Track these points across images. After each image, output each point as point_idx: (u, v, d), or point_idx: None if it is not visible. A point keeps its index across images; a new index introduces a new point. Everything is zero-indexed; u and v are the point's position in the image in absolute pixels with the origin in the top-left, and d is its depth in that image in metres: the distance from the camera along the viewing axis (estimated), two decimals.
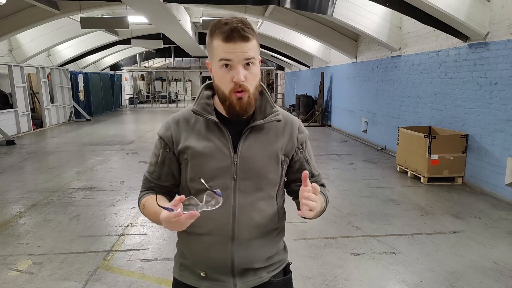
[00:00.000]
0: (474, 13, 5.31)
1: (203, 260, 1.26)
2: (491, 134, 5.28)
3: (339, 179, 6.16)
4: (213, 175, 1.19)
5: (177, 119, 1.27)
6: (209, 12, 11.42)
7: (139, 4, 8.03)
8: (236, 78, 1.12)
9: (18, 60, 12.00)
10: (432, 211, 4.66)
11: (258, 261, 1.28)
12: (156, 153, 1.30)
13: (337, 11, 7.28)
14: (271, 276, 1.32)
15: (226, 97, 1.17)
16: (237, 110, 1.17)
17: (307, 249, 3.62)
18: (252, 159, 1.21)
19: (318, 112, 13.38)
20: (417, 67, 7.29)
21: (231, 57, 1.12)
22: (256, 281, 1.29)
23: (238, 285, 1.26)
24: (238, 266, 1.24)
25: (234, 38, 1.11)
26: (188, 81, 33.44)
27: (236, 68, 1.13)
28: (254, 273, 1.28)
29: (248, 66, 1.14)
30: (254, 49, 1.15)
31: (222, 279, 1.25)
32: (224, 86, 1.16)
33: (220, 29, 1.13)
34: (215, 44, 1.14)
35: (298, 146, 1.31)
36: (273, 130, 1.26)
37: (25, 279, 3.08)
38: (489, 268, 3.25)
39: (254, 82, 1.17)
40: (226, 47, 1.12)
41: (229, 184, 1.21)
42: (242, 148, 1.21)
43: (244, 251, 1.24)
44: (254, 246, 1.25)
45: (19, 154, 8.39)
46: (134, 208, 4.80)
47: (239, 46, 1.11)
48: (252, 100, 1.18)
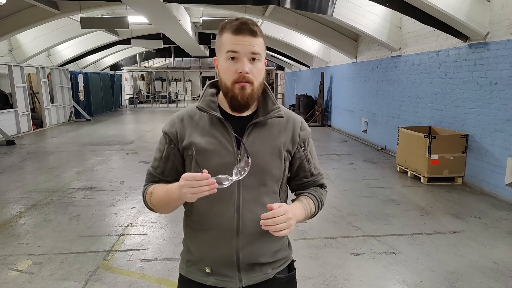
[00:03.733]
0: (474, 13, 5.31)
1: (209, 255, 1.27)
2: (491, 134, 5.28)
3: (339, 179, 6.16)
4: (217, 170, 1.20)
5: (182, 116, 1.30)
6: (209, 12, 11.42)
7: (139, 4, 8.03)
8: (241, 69, 1.16)
9: (18, 60, 12.00)
10: (432, 211, 4.66)
11: (263, 255, 1.29)
12: (161, 148, 1.32)
13: (337, 11, 7.28)
14: (276, 273, 1.34)
15: (228, 88, 1.20)
16: (239, 100, 1.19)
17: (307, 249, 3.62)
18: (255, 154, 1.23)
19: (318, 112, 13.38)
20: (417, 67, 7.29)
21: (238, 48, 1.15)
22: (261, 277, 1.30)
23: (243, 281, 1.27)
24: (243, 261, 1.26)
25: (243, 31, 1.15)
26: (188, 81, 33.43)
27: (242, 60, 1.16)
28: (260, 268, 1.30)
29: (254, 61, 1.18)
30: (261, 46, 1.19)
31: (228, 274, 1.27)
32: (228, 76, 1.19)
33: (230, 24, 1.18)
34: (224, 37, 1.18)
35: (300, 144, 1.33)
36: (276, 127, 1.29)
37: (25, 279, 3.08)
38: (489, 268, 3.25)
39: (259, 77, 1.21)
40: (234, 39, 1.16)
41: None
42: (245, 143, 1.23)
43: (249, 246, 1.25)
44: (259, 240, 1.27)
45: (19, 154, 8.39)
46: (134, 208, 4.80)
47: (247, 39, 1.16)
48: (255, 93, 1.21)
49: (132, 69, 25.65)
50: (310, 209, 1.31)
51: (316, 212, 1.36)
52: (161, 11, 8.51)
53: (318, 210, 1.37)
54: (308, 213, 1.31)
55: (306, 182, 1.38)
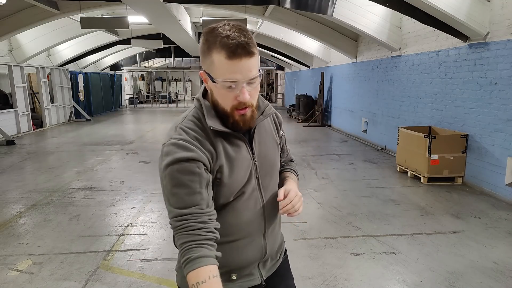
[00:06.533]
0: (474, 13, 5.31)
1: (237, 264, 1.26)
2: (491, 134, 5.28)
3: (339, 179, 6.16)
4: (243, 182, 1.20)
5: (193, 136, 1.11)
6: (209, 12, 11.41)
7: (139, 4, 8.03)
8: (242, 98, 1.07)
9: (18, 60, 12.00)
10: (432, 211, 4.66)
11: (278, 245, 1.39)
12: (194, 179, 1.07)
13: (337, 11, 7.28)
14: (283, 258, 1.44)
15: (227, 114, 1.12)
16: (241, 126, 1.14)
17: (307, 249, 3.62)
18: (265, 154, 1.27)
19: (318, 112, 13.38)
20: (417, 67, 7.29)
21: (237, 78, 1.04)
22: (275, 265, 1.39)
23: (263, 274, 1.33)
24: (266, 257, 1.31)
25: (240, 55, 1.02)
26: (188, 81, 33.44)
27: (241, 88, 1.06)
28: (275, 257, 1.38)
29: (253, 82, 1.09)
30: (257, 63, 1.09)
31: (252, 272, 1.30)
32: (225, 103, 1.11)
33: (221, 42, 1.02)
34: (216, 59, 1.04)
35: (281, 129, 1.40)
36: (268, 121, 1.34)
37: (25, 279, 3.08)
38: (489, 268, 3.25)
39: (256, 95, 1.16)
40: (231, 66, 1.03)
41: (255, 185, 1.24)
42: (256, 147, 1.25)
43: (271, 241, 1.32)
44: (276, 233, 1.36)
45: (19, 154, 8.39)
46: (134, 208, 4.80)
47: (245, 64, 1.04)
48: (255, 113, 1.17)
49: (132, 69, 25.64)
50: (296, 181, 1.43)
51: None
52: (161, 11, 8.51)
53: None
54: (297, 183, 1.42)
55: (283, 160, 1.48)
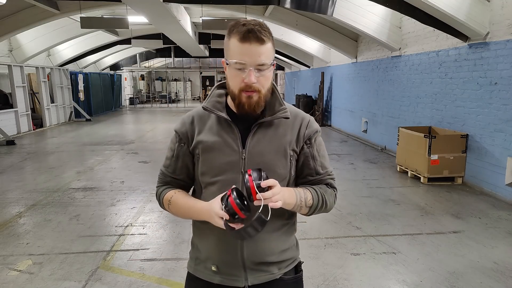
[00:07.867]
0: (474, 13, 5.31)
1: (215, 254, 1.30)
2: (491, 134, 5.28)
3: (339, 179, 6.12)
4: (223, 169, 1.25)
5: (192, 116, 1.34)
6: (209, 12, 11.42)
7: (139, 4, 8.03)
8: (247, 80, 1.17)
9: (18, 60, 12.00)
10: (432, 211, 4.66)
11: (270, 254, 1.29)
12: (172, 147, 1.36)
13: (337, 11, 7.28)
14: (282, 274, 1.34)
15: (235, 95, 1.22)
16: (246, 108, 1.21)
17: (307, 249, 3.62)
18: (260, 154, 1.25)
19: (318, 112, 13.38)
20: (417, 67, 7.29)
21: (245, 60, 1.15)
22: (267, 276, 1.30)
23: (249, 280, 1.28)
24: (248, 260, 1.27)
25: (250, 39, 1.14)
26: (188, 81, 33.41)
27: (249, 71, 1.16)
28: (266, 268, 1.30)
29: (261, 68, 1.18)
30: (268, 52, 1.18)
31: (234, 273, 1.28)
32: (235, 84, 1.21)
33: (237, 29, 1.16)
34: (232, 43, 1.18)
35: (305, 141, 1.31)
36: (283, 126, 1.30)
37: (25, 279, 3.08)
38: (489, 268, 3.25)
39: (266, 84, 1.22)
40: (241, 49, 1.15)
41: (237, 179, 1.24)
42: (250, 143, 1.26)
43: (253, 245, 1.26)
44: (264, 240, 1.26)
45: (19, 154, 8.39)
46: (134, 208, 4.80)
47: (254, 49, 1.15)
48: (262, 100, 1.22)
49: (132, 69, 25.65)
50: (305, 199, 1.25)
51: (317, 207, 1.28)
52: (161, 11, 8.51)
53: (319, 205, 1.28)
54: (301, 202, 1.24)
55: (311, 181, 1.33)
